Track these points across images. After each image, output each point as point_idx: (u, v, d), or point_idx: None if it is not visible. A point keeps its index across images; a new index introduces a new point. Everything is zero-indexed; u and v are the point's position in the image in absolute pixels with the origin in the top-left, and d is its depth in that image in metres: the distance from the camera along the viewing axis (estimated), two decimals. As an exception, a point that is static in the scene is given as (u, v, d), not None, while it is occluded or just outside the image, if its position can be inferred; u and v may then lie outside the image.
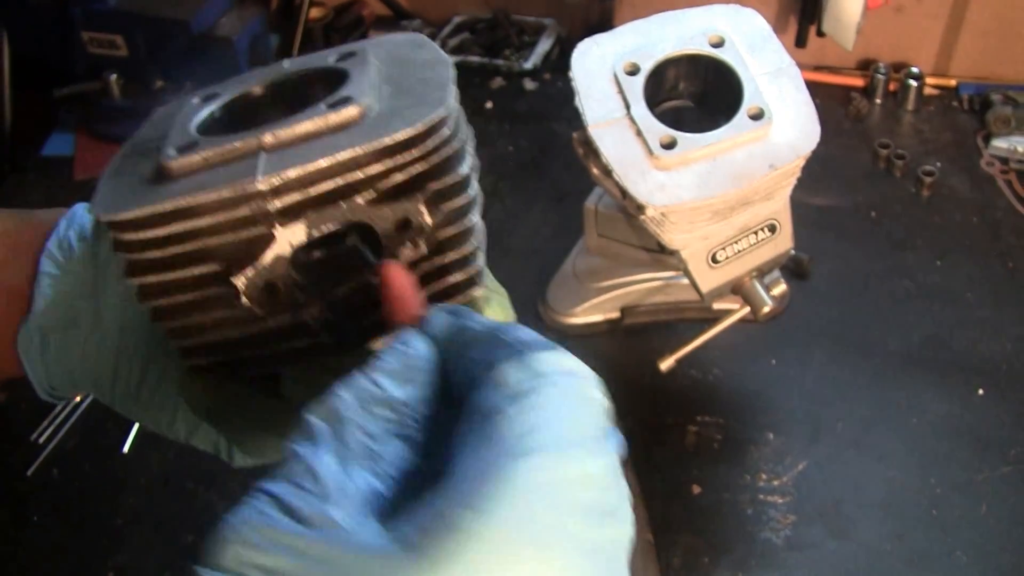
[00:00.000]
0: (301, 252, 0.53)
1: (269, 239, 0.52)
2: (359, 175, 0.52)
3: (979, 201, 1.44)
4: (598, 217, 1.25)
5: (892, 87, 1.63)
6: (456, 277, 0.58)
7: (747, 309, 1.11)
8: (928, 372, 1.22)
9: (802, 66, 1.03)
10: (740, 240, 1.06)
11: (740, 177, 0.97)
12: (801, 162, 1.00)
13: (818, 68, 1.70)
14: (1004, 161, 1.50)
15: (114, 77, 1.59)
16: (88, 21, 1.56)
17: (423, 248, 0.55)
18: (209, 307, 0.55)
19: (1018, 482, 1.11)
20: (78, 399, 1.24)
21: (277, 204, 0.52)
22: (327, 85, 0.57)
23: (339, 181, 0.52)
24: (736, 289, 1.10)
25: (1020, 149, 1.49)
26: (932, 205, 1.45)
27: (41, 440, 1.21)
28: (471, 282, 0.59)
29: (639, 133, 0.98)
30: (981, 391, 1.20)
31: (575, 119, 1.03)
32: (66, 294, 0.61)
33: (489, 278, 0.60)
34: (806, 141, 0.99)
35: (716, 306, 1.22)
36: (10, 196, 1.57)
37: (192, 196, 0.52)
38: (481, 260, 0.59)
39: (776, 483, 1.12)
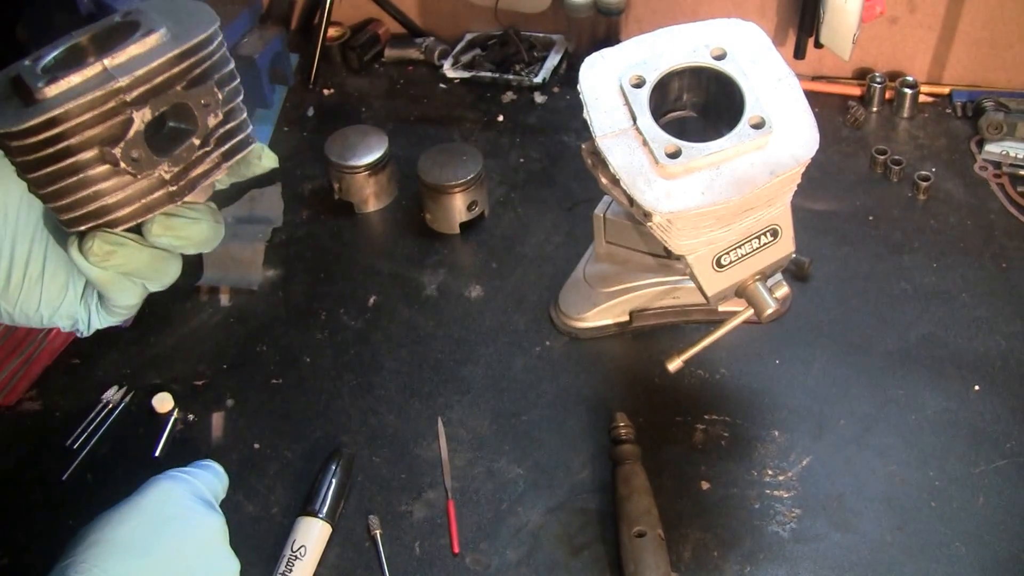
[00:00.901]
0: (147, 128, 0.77)
1: (130, 121, 0.76)
2: (176, 69, 0.78)
3: (973, 204, 1.44)
4: (607, 224, 1.26)
5: (888, 95, 1.62)
6: (240, 135, 0.86)
7: (751, 311, 1.12)
8: (926, 370, 1.23)
9: (801, 76, 1.04)
10: (744, 245, 1.08)
11: (743, 184, 0.98)
12: (801, 169, 1.01)
13: (816, 78, 1.70)
14: (997, 165, 1.49)
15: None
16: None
17: (220, 116, 0.82)
18: (90, 183, 0.77)
19: (1014, 474, 1.12)
20: (111, 406, 1.27)
21: (132, 95, 0.76)
22: (124, 29, 0.81)
23: (166, 75, 0.78)
24: (740, 292, 1.12)
25: (1012, 154, 1.49)
26: (928, 209, 1.45)
27: (75, 446, 1.23)
28: (248, 138, 0.87)
29: (645, 143, 1.00)
30: (977, 387, 1.21)
31: (583, 131, 1.05)
32: None
33: (255, 135, 0.88)
34: (806, 149, 1.00)
35: (721, 309, 1.22)
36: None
37: (72, 101, 0.73)
38: (250, 125, 0.88)
39: (781, 478, 1.14)
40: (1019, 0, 1.55)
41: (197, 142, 0.82)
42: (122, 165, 0.77)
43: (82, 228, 0.80)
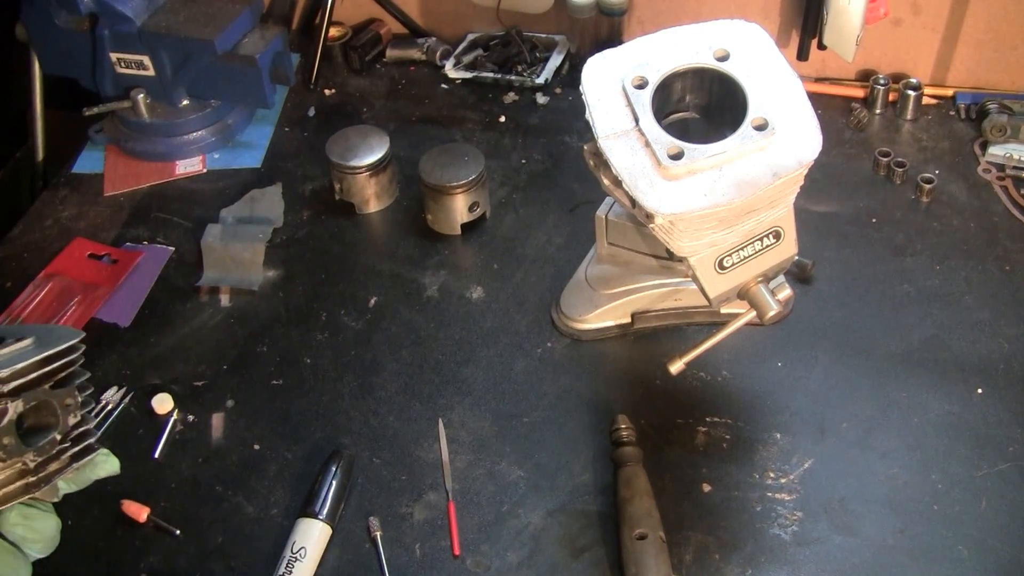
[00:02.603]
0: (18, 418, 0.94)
1: (4, 411, 0.93)
2: (46, 370, 0.97)
3: (976, 207, 1.44)
4: (609, 226, 1.26)
5: (891, 97, 1.62)
6: (91, 438, 1.03)
7: (753, 313, 1.12)
8: (928, 372, 1.23)
9: (804, 78, 1.04)
10: (746, 247, 1.08)
11: (745, 186, 0.99)
12: (804, 171, 1.02)
13: (820, 80, 1.70)
14: (1000, 168, 1.49)
15: (142, 96, 1.61)
16: (116, 42, 1.58)
17: (78, 417, 0.99)
18: None
19: (1016, 478, 1.11)
20: (110, 406, 1.27)
21: (7, 387, 0.93)
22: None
23: (36, 373, 0.95)
24: (743, 294, 1.12)
25: (1016, 156, 1.49)
26: (931, 211, 1.44)
27: (75, 447, 1.24)
28: (95, 443, 1.07)
29: (647, 144, 1.00)
30: (980, 390, 1.21)
31: (586, 132, 1.05)
32: None
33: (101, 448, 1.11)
34: (809, 150, 1.00)
35: (723, 310, 1.24)
36: (43, 212, 1.58)
37: None
38: (97, 432, 1.10)
39: (783, 481, 1.13)
40: (1022, 2, 1.55)
41: (58, 437, 0.98)
42: None
43: None
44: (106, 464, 1.11)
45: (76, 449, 1.00)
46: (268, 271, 1.44)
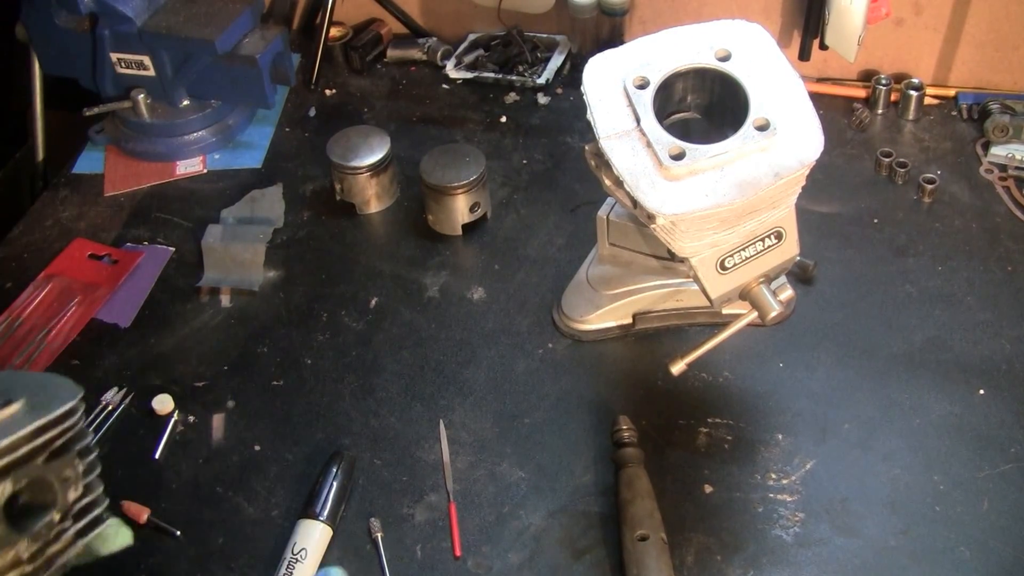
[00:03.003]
0: (5, 504, 0.77)
1: None
2: (37, 442, 0.79)
3: (978, 207, 1.44)
4: (610, 226, 1.26)
5: (893, 97, 1.62)
6: (98, 509, 0.86)
7: (755, 314, 1.12)
8: (930, 373, 1.23)
9: (806, 78, 1.04)
10: (748, 247, 1.08)
11: (747, 186, 0.98)
12: (806, 171, 1.01)
13: (821, 80, 1.69)
14: (1002, 168, 1.49)
15: (142, 96, 1.61)
16: (117, 42, 1.58)
17: (80, 489, 0.82)
18: None
19: (1018, 479, 1.11)
20: (110, 407, 1.27)
21: None
22: None
23: (25, 448, 0.78)
24: (744, 294, 1.12)
25: (1018, 156, 1.49)
26: (933, 212, 1.44)
27: (75, 447, 1.23)
28: (104, 513, 0.88)
29: (649, 145, 1.00)
30: (982, 391, 1.21)
31: (587, 132, 1.05)
32: None
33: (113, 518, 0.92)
34: (810, 151, 1.00)
35: (725, 311, 1.24)
36: (43, 213, 1.58)
37: None
38: (106, 499, 0.89)
39: (785, 482, 1.13)
40: (1025, 2, 1.55)
41: (57, 517, 0.81)
42: None
43: None
44: (117, 537, 0.95)
45: (80, 525, 0.83)
46: (269, 272, 1.44)
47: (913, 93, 1.59)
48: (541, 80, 1.74)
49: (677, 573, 1.05)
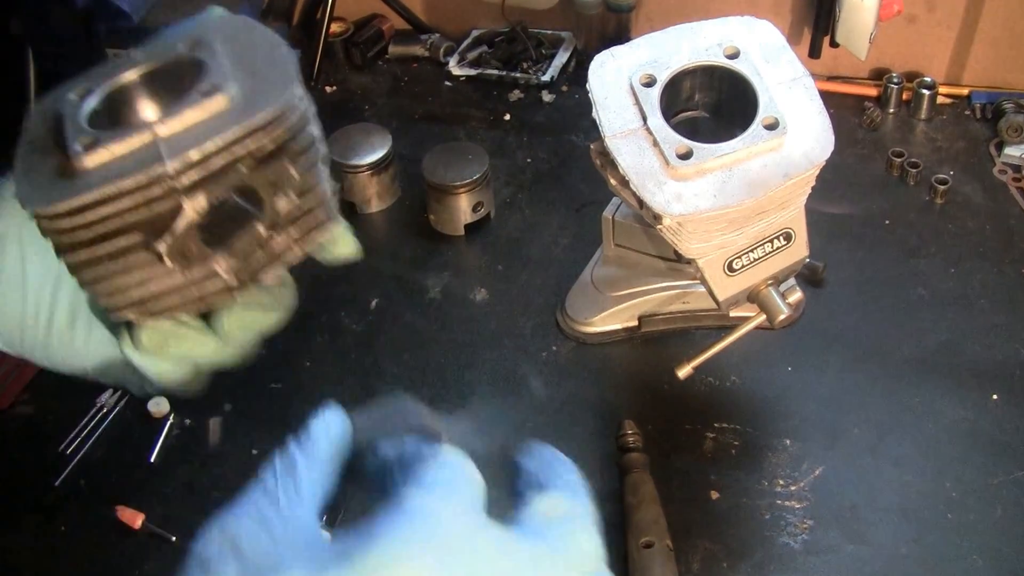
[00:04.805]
0: (204, 215, 0.65)
1: (179, 210, 0.63)
2: (241, 149, 0.64)
3: (992, 208, 1.44)
4: (615, 227, 1.26)
5: (905, 96, 1.62)
6: (319, 216, 0.71)
7: (763, 317, 1.11)
8: (943, 378, 1.22)
9: (816, 76, 1.03)
10: (756, 249, 1.06)
11: (755, 186, 0.97)
12: (816, 171, 1.00)
13: (832, 78, 1.69)
14: (1016, 169, 1.49)
15: (139, 92, 1.60)
16: (113, 38, 1.56)
17: (293, 197, 0.68)
18: (133, 270, 0.66)
19: None
20: (105, 410, 1.25)
21: (183, 181, 0.63)
22: (187, 71, 0.68)
23: (227, 156, 0.64)
24: (752, 297, 1.10)
25: None
26: (945, 213, 1.44)
27: (69, 451, 1.22)
28: (329, 218, 0.72)
29: (656, 144, 0.99)
30: (995, 396, 1.19)
31: (592, 130, 1.04)
32: None
33: (337, 213, 0.74)
34: (820, 150, 0.99)
35: (733, 314, 1.21)
36: (37, 210, 1.57)
37: (112, 184, 0.61)
38: (333, 201, 0.73)
39: (793, 488, 1.12)
40: (1039, -1, 1.54)
41: (263, 230, 0.68)
42: (167, 262, 0.65)
43: (125, 316, 0.69)
44: (337, 247, 0.78)
45: (296, 234, 0.70)
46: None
47: (925, 92, 1.58)
48: (546, 77, 1.74)
49: (683, 581, 1.04)
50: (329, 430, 0.65)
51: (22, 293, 0.72)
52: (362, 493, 0.93)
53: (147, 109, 0.70)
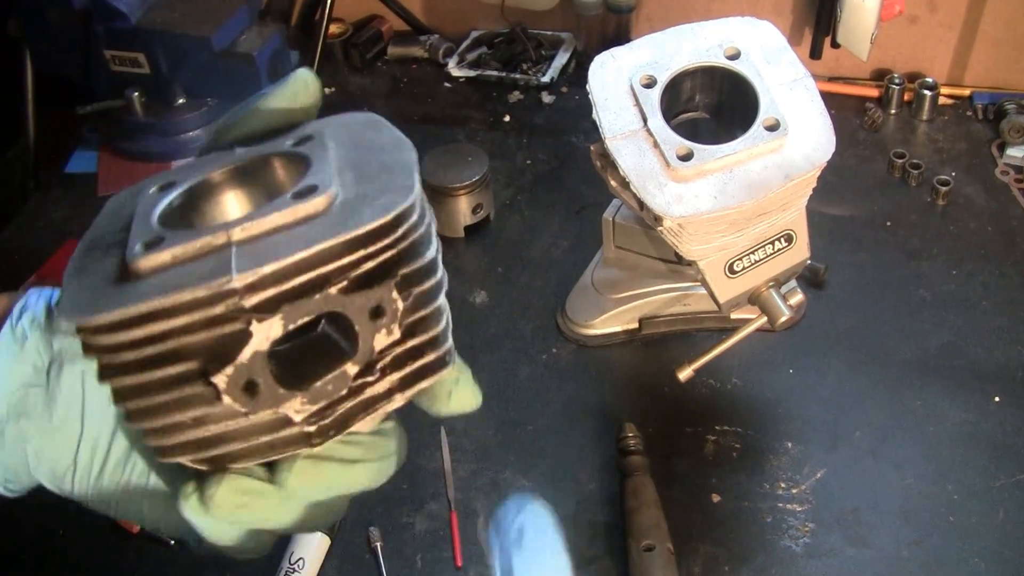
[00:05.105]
0: (277, 344, 0.52)
1: (246, 335, 0.51)
2: (332, 266, 0.52)
3: (994, 210, 1.43)
4: (616, 229, 1.25)
5: (907, 97, 1.61)
6: (428, 358, 0.57)
7: (764, 319, 1.11)
8: (945, 380, 1.22)
9: (817, 77, 1.03)
10: (757, 250, 1.06)
11: (756, 188, 0.97)
12: (817, 172, 1.00)
13: (833, 79, 1.69)
14: (1019, 170, 1.48)
15: (136, 94, 1.60)
16: (110, 39, 1.56)
17: (396, 333, 0.54)
18: (187, 406, 0.53)
19: None
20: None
21: (253, 300, 0.50)
22: (287, 168, 0.59)
23: (312, 274, 0.51)
24: (753, 299, 1.10)
25: None
26: (947, 214, 1.44)
27: (67, 453, 1.21)
28: (442, 362, 0.58)
29: (656, 145, 0.99)
30: (997, 398, 1.19)
31: (592, 132, 1.04)
32: (20, 384, 0.59)
33: (455, 355, 0.60)
34: (822, 152, 0.99)
35: (734, 316, 1.21)
36: (35, 213, 1.57)
37: (166, 297, 0.50)
38: (450, 339, 0.59)
39: (795, 491, 1.12)
40: (1042, 0, 1.54)
41: (352, 371, 0.54)
42: (226, 400, 0.52)
43: (174, 459, 0.56)
44: (460, 394, 0.63)
45: (399, 375, 0.56)
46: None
47: (927, 93, 1.58)
48: (545, 79, 1.73)
49: (684, 585, 1.03)
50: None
51: (79, 425, 0.60)
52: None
53: (231, 208, 0.59)
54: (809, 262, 1.12)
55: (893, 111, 1.62)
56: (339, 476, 0.57)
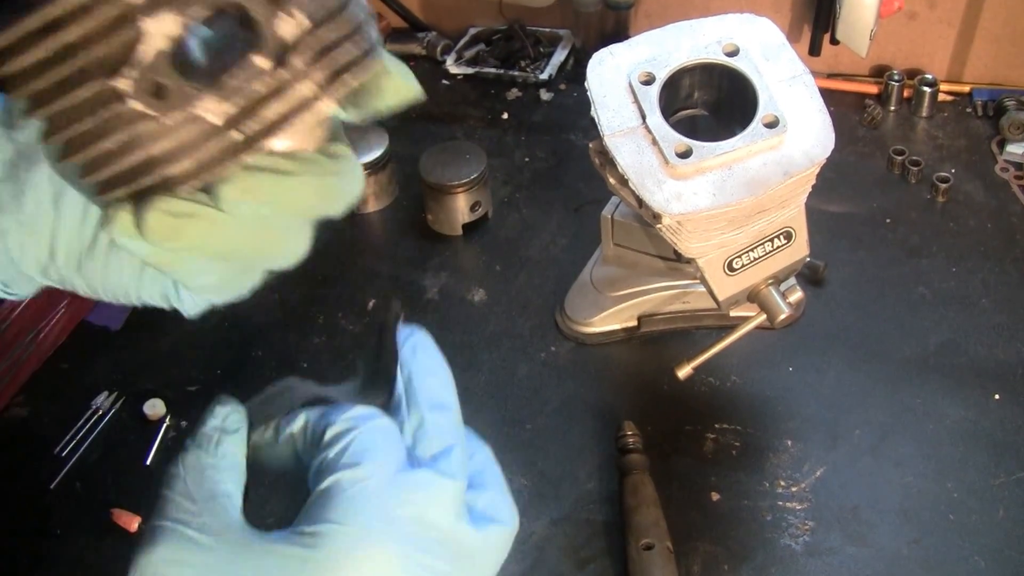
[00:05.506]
0: (181, 46, 0.49)
1: (141, 34, 0.48)
2: None
3: (994, 207, 1.43)
4: (615, 226, 1.25)
5: (906, 94, 1.61)
6: (351, 49, 0.53)
7: (764, 316, 1.11)
8: (944, 378, 1.22)
9: (816, 74, 1.03)
10: (756, 248, 1.06)
11: (755, 185, 0.97)
12: (816, 169, 1.00)
13: (832, 76, 1.69)
14: (1018, 167, 1.48)
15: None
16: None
17: (302, 19, 0.50)
18: (109, 131, 0.50)
19: None
20: (100, 412, 1.25)
21: None
22: None
23: None
24: (752, 296, 1.10)
25: None
26: (947, 211, 1.43)
27: (64, 454, 1.21)
28: (368, 53, 0.53)
29: (655, 142, 0.99)
30: (997, 396, 1.19)
31: (591, 129, 1.03)
32: None
33: (387, 56, 0.56)
34: (821, 148, 0.99)
35: (733, 313, 1.22)
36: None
37: (54, 4, 0.47)
38: (374, 32, 0.54)
39: (794, 489, 1.12)
40: (1041, -4, 1.54)
41: (263, 63, 0.50)
42: (132, 104, 0.49)
43: (115, 194, 0.52)
44: (399, 80, 0.59)
45: (327, 71, 0.52)
46: (263, 272, 1.43)
47: (927, 89, 1.58)
48: (544, 76, 1.73)
49: (683, 584, 1.03)
50: (227, 425, 0.62)
51: (53, 212, 0.61)
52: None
53: None
54: (808, 259, 1.12)
55: (892, 108, 1.62)
56: (276, 187, 0.53)
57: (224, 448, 0.61)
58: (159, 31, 0.48)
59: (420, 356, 0.67)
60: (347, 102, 0.54)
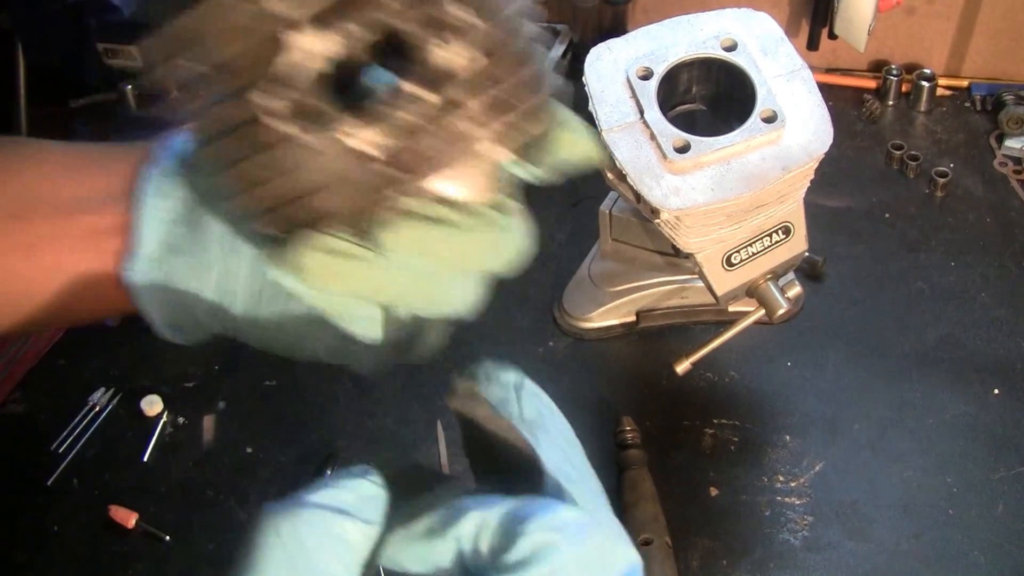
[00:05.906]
0: (339, 71, 0.46)
1: (295, 53, 0.45)
2: None
3: (993, 201, 1.43)
4: (613, 221, 1.25)
5: (904, 88, 1.61)
6: (524, 94, 0.48)
7: (762, 311, 1.11)
8: (943, 372, 1.21)
9: (814, 69, 1.03)
10: (754, 243, 1.06)
11: (754, 180, 0.97)
12: (814, 164, 1.00)
13: (830, 70, 1.69)
14: (1017, 161, 1.48)
15: (130, 88, 1.59)
16: (103, 32, 1.56)
17: (476, 53, 0.45)
18: (259, 150, 0.47)
19: None
20: (97, 408, 1.24)
21: (284, 9, 0.45)
22: None
23: None
24: (751, 291, 1.10)
25: None
26: (946, 206, 1.43)
27: (60, 450, 1.21)
28: (545, 101, 0.48)
29: (653, 137, 0.98)
30: (996, 391, 1.19)
31: (589, 124, 1.03)
32: (170, 222, 0.56)
33: (562, 107, 0.51)
34: (819, 143, 0.99)
35: (731, 309, 1.22)
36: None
37: (203, 10, 0.45)
38: (551, 76, 0.50)
39: (793, 484, 1.12)
40: (1040, -10, 1.54)
41: (431, 97, 0.46)
42: (283, 127, 0.45)
43: (267, 226, 0.50)
44: (573, 135, 0.56)
45: (498, 118, 0.48)
46: (262, 268, 1.42)
47: (925, 84, 1.58)
48: (542, 71, 1.71)
49: (682, 578, 1.03)
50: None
51: (233, 258, 0.57)
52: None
53: None
54: (807, 254, 1.12)
55: (891, 102, 1.61)
56: (439, 238, 0.50)
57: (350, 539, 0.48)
58: (316, 51, 0.45)
59: (547, 420, 0.56)
60: (519, 153, 0.50)
